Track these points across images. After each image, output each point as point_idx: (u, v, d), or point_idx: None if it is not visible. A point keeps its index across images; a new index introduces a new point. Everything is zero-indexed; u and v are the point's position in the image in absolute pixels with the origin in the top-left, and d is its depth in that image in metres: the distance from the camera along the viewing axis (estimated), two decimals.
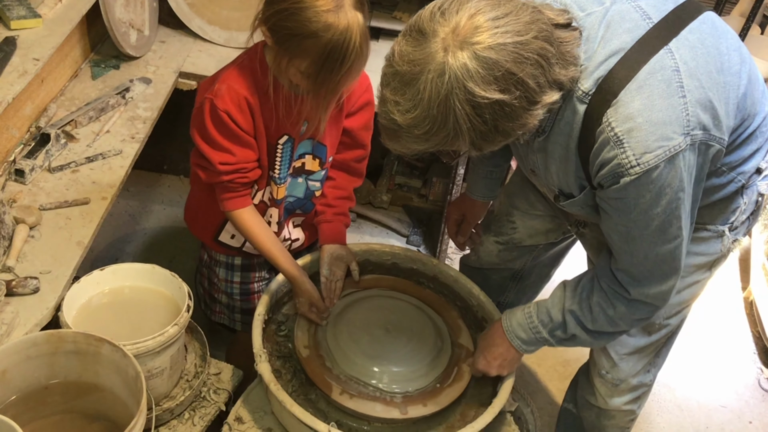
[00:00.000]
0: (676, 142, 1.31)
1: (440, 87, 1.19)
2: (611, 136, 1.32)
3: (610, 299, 1.56)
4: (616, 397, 1.89)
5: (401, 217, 3.23)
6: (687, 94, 1.32)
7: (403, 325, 1.80)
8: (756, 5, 3.17)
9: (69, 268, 1.70)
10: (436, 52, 1.20)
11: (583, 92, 1.35)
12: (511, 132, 1.27)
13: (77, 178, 1.94)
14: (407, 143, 1.29)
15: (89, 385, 1.57)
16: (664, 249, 1.45)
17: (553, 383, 2.68)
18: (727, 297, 3.17)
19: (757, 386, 2.83)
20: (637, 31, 1.35)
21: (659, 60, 1.33)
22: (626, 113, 1.31)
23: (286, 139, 1.75)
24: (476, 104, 1.20)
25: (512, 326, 1.69)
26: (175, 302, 1.74)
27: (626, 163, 1.32)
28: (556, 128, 1.43)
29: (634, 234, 1.43)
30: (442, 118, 1.22)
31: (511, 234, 2.03)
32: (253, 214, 1.81)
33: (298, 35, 1.50)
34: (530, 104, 1.25)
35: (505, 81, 1.20)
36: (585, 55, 1.34)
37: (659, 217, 1.38)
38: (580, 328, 1.61)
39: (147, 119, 2.17)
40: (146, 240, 2.92)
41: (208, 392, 1.83)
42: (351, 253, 1.92)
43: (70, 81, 2.24)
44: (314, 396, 1.71)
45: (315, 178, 1.90)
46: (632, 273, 1.51)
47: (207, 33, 2.51)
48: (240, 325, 2.11)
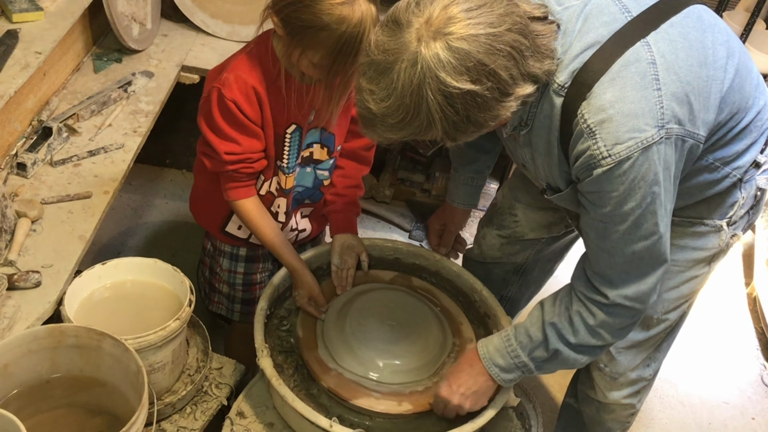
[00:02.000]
0: (648, 134, 1.31)
1: (413, 76, 1.20)
2: (584, 128, 1.33)
3: (588, 307, 1.52)
4: (615, 391, 1.89)
5: (404, 212, 3.23)
6: (662, 87, 1.32)
7: (405, 319, 1.80)
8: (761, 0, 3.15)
9: (71, 262, 1.70)
10: (410, 42, 1.21)
11: (559, 85, 1.36)
12: (483, 123, 1.27)
13: (79, 171, 1.93)
14: (382, 132, 1.29)
15: (91, 379, 1.57)
16: (640, 246, 1.43)
17: (555, 378, 2.68)
18: (731, 293, 3.16)
19: (760, 382, 2.82)
20: (615, 24, 1.35)
21: (634, 52, 1.33)
22: (598, 105, 1.31)
23: (294, 129, 1.75)
24: (448, 94, 1.20)
25: (489, 352, 1.61)
26: (177, 297, 1.74)
27: (598, 154, 1.32)
28: (537, 122, 1.44)
29: (610, 230, 1.42)
30: (415, 107, 1.22)
31: (513, 227, 2.03)
32: (257, 204, 1.81)
33: (311, 27, 1.50)
34: (503, 96, 1.25)
35: (476, 72, 1.20)
36: (561, 48, 1.35)
37: (634, 212, 1.38)
38: (562, 342, 1.55)
39: (149, 113, 2.16)
40: (148, 234, 2.91)
41: (210, 387, 1.83)
42: (362, 243, 1.93)
43: (73, 74, 2.24)
44: (316, 391, 1.71)
45: (323, 167, 1.89)
46: (609, 275, 1.49)
47: (209, 26, 2.50)
48: (238, 316, 2.11)
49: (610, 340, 1.55)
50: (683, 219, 1.64)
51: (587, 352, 1.57)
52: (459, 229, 2.07)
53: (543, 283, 2.30)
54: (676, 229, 1.64)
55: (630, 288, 1.48)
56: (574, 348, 1.55)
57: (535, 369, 1.60)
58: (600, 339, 1.54)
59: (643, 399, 1.96)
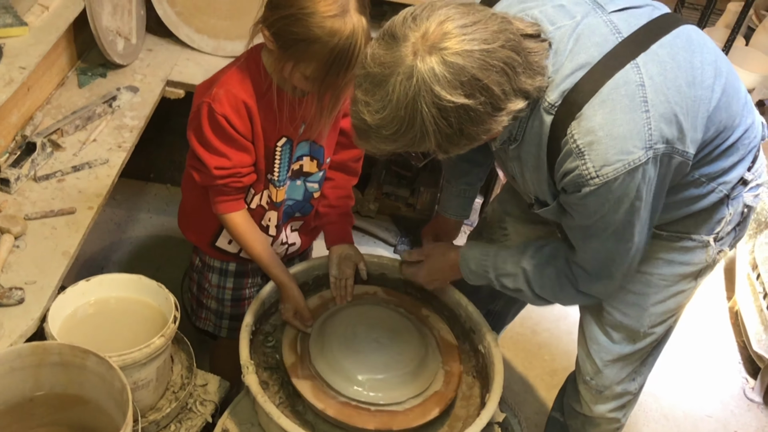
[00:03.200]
0: (636, 155, 1.34)
1: (408, 89, 1.23)
2: (573, 148, 1.36)
3: (560, 281, 1.64)
4: (601, 404, 1.89)
5: (389, 227, 3.23)
6: (651, 109, 1.35)
7: (390, 333, 1.80)
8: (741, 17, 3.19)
9: (54, 278, 1.69)
10: (406, 56, 1.23)
11: (549, 104, 1.38)
12: (476, 136, 1.30)
13: (63, 187, 1.92)
14: (376, 143, 1.32)
15: (75, 397, 1.56)
16: (616, 249, 1.51)
17: (540, 393, 2.69)
18: (713, 307, 3.18)
19: (742, 396, 2.84)
20: (605, 45, 1.38)
21: (624, 75, 1.35)
22: (588, 127, 1.34)
23: (284, 141, 1.75)
24: (442, 107, 1.23)
25: (467, 257, 1.77)
26: (162, 313, 1.73)
27: (586, 174, 1.36)
28: (527, 137, 1.46)
29: (592, 233, 1.50)
30: (410, 119, 1.25)
31: (503, 241, 2.04)
32: (246, 217, 1.81)
33: (304, 41, 1.51)
34: (495, 110, 1.28)
35: (470, 86, 1.23)
36: (553, 67, 1.37)
37: (616, 223, 1.44)
38: (527, 286, 1.68)
39: (134, 128, 2.16)
40: (133, 249, 2.90)
41: (195, 404, 1.82)
42: (359, 253, 1.93)
43: (57, 89, 2.23)
44: (301, 407, 1.70)
45: (313, 179, 1.90)
46: (585, 268, 1.59)
47: (195, 41, 2.50)
48: (226, 332, 2.10)
49: (566, 305, 1.77)
50: (671, 234, 1.66)
51: (544, 302, 1.74)
52: (451, 240, 2.08)
53: None
54: (664, 243, 1.67)
55: (598, 284, 1.61)
56: (535, 295, 1.70)
57: (497, 287, 1.75)
58: (559, 301, 1.72)
59: (629, 413, 1.96)
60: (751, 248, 3.01)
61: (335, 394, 1.67)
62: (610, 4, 1.43)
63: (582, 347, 1.88)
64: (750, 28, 3.84)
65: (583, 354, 1.86)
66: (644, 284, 1.70)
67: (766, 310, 2.76)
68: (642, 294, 1.71)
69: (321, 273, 1.95)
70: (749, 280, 2.97)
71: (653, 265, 1.67)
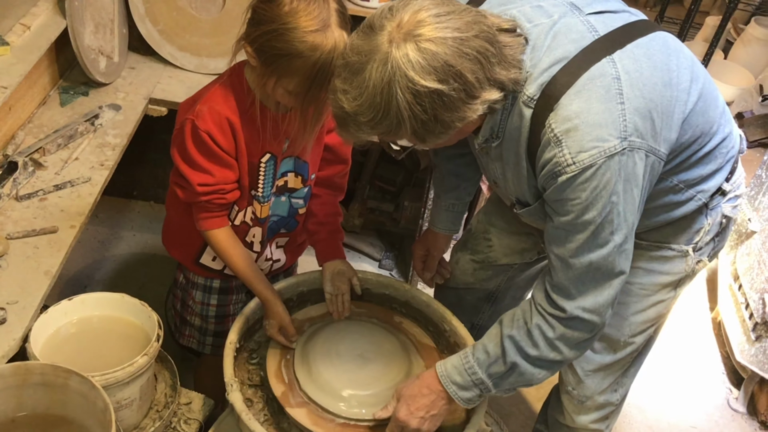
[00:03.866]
0: (611, 143, 1.35)
1: (383, 74, 1.27)
2: (551, 137, 1.38)
3: (547, 320, 1.52)
4: (583, 415, 1.90)
5: (373, 241, 3.24)
6: (626, 101, 1.37)
7: (374, 348, 1.79)
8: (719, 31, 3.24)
9: (36, 298, 1.68)
10: (382, 44, 1.28)
11: (528, 97, 1.41)
12: (450, 123, 1.33)
13: (45, 206, 1.92)
14: (355, 131, 1.35)
15: (57, 417, 1.54)
16: (596, 256, 1.44)
17: (525, 406, 2.69)
18: (696, 318, 3.20)
19: (726, 406, 2.85)
20: (582, 41, 1.41)
21: (600, 67, 1.38)
22: (565, 115, 1.37)
23: (268, 158, 1.76)
24: (416, 92, 1.27)
25: (447, 370, 1.60)
26: (145, 331, 1.72)
27: (563, 161, 1.37)
28: (507, 133, 1.49)
29: (570, 239, 1.45)
30: (385, 105, 1.28)
31: (486, 252, 2.05)
32: (229, 234, 1.81)
33: (286, 56, 1.52)
34: (469, 98, 1.31)
35: (443, 72, 1.27)
36: (531, 62, 1.41)
37: (594, 221, 1.41)
38: (520, 355, 1.54)
39: (116, 146, 2.16)
40: (116, 267, 2.89)
41: (179, 422, 1.81)
42: (352, 268, 1.93)
43: (39, 108, 2.22)
44: (286, 425, 1.70)
45: (298, 195, 1.90)
46: (567, 287, 1.49)
47: (177, 59, 2.51)
48: (210, 349, 2.09)
49: (568, 355, 1.54)
50: (650, 243, 1.68)
51: (545, 366, 1.57)
52: (441, 254, 2.09)
53: None
54: (644, 252, 1.68)
55: (588, 299, 1.49)
56: (533, 362, 1.55)
57: (492, 386, 1.59)
58: (558, 353, 1.54)
59: (612, 425, 1.97)
60: (733, 259, 3.04)
61: (333, 417, 1.66)
62: (587, 7, 1.46)
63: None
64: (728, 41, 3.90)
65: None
66: (624, 293, 1.69)
67: (749, 320, 2.78)
68: (622, 303, 1.72)
69: (306, 289, 1.95)
70: (731, 290, 3.00)
71: (633, 274, 1.67)
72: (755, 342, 2.71)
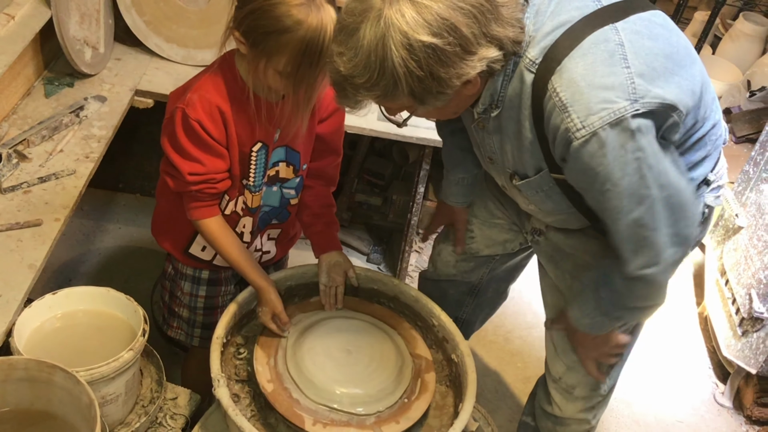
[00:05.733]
0: (620, 105, 1.33)
1: (377, 31, 1.27)
2: (557, 101, 1.37)
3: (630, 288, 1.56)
4: (570, 404, 1.91)
5: (361, 235, 3.23)
6: (631, 66, 1.35)
7: (363, 344, 1.79)
8: (707, 26, 3.25)
9: (20, 291, 1.66)
10: (375, 2, 1.28)
11: (530, 60, 1.40)
12: (448, 81, 1.31)
13: (29, 198, 1.89)
14: (353, 95, 1.35)
15: (41, 413, 1.53)
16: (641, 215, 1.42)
17: (513, 401, 2.69)
18: (682, 313, 3.21)
19: (712, 401, 2.87)
20: (585, 9, 1.41)
21: (603, 33, 1.37)
22: (569, 78, 1.36)
23: (260, 147, 1.75)
24: (410, 47, 1.26)
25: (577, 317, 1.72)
26: (130, 326, 1.71)
27: (572, 126, 1.35)
28: (507, 102, 1.47)
29: (610, 206, 1.42)
30: (380, 63, 1.28)
31: (469, 243, 2.05)
32: (221, 223, 1.80)
33: (273, 32, 1.51)
34: (465, 53, 1.30)
35: (437, 26, 1.26)
36: (534, 26, 1.40)
37: (626, 183, 1.37)
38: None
39: (102, 138, 2.13)
40: (101, 260, 2.86)
41: (165, 418, 1.80)
42: (348, 260, 1.92)
43: (23, 99, 2.20)
44: (273, 420, 1.69)
45: (289, 185, 1.89)
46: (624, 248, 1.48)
47: (164, 51, 2.48)
48: (198, 341, 2.08)
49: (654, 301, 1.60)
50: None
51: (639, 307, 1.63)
52: (465, 224, 2.06)
53: (497, 305, 2.32)
54: None
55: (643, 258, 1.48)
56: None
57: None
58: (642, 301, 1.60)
59: (599, 416, 1.98)
60: (720, 254, 3.05)
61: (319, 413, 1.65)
62: None
63: (550, 347, 1.89)
64: (717, 37, 3.91)
65: (552, 354, 1.88)
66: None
67: (735, 315, 2.79)
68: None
69: (294, 284, 1.94)
70: (718, 285, 3.01)
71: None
72: (741, 337, 2.72)
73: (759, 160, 2.85)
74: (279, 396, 1.67)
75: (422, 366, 1.82)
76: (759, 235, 2.74)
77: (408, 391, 1.75)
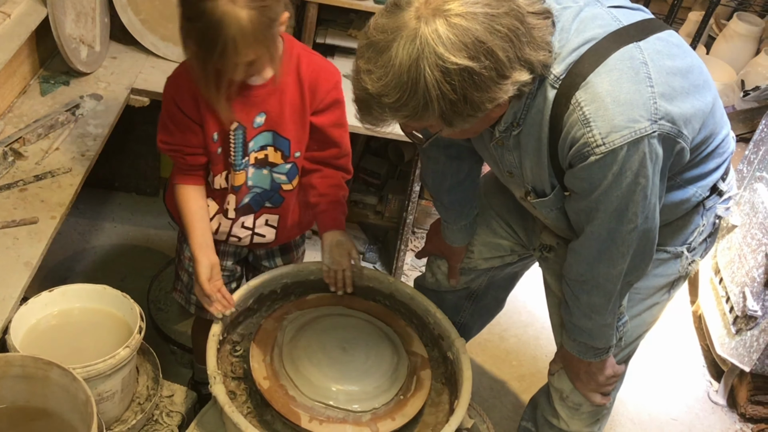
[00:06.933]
0: (642, 125, 1.34)
1: (411, 51, 1.22)
2: (579, 116, 1.36)
3: (573, 292, 1.62)
4: (577, 419, 1.90)
5: (357, 234, 3.23)
6: (655, 86, 1.36)
7: (359, 341, 1.80)
8: (702, 26, 3.26)
9: (16, 289, 1.65)
10: (409, 20, 1.23)
11: (554, 76, 1.39)
12: (480, 105, 1.28)
13: (25, 196, 1.89)
14: (379, 115, 1.30)
15: (38, 410, 1.53)
16: (618, 230, 1.46)
17: (508, 399, 2.70)
18: (677, 311, 3.22)
19: (706, 399, 2.88)
20: (609, 27, 1.41)
21: (628, 51, 1.38)
22: (594, 92, 1.35)
23: (236, 126, 1.78)
24: (445, 70, 1.22)
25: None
26: (127, 323, 1.71)
27: (592, 142, 1.35)
28: (528, 119, 1.46)
29: (594, 215, 1.46)
30: (413, 84, 1.24)
31: (467, 262, 2.04)
32: (194, 191, 1.85)
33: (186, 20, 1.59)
34: (499, 77, 1.27)
35: (474, 48, 1.22)
36: (559, 43, 1.39)
37: (618, 199, 1.41)
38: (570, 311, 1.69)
39: (98, 136, 2.13)
40: (96, 259, 2.86)
41: (161, 415, 1.80)
42: (351, 240, 1.90)
43: (19, 97, 2.19)
44: (270, 417, 1.69)
45: (279, 170, 1.89)
46: (585, 254, 1.55)
47: (160, 49, 2.48)
48: (194, 309, 2.08)
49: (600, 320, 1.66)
50: None
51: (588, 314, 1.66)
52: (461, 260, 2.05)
53: (495, 312, 2.31)
54: None
55: (601, 267, 1.54)
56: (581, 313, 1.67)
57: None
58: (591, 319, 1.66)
59: (603, 426, 1.97)
60: (714, 253, 3.06)
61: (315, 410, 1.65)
62: (606, 0, 1.47)
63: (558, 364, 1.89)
64: (711, 37, 3.92)
65: (561, 371, 1.87)
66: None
67: (729, 314, 2.80)
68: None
69: (290, 281, 1.95)
70: (712, 284, 3.02)
71: None
72: (735, 335, 2.73)
73: (753, 159, 2.87)
74: (275, 393, 1.68)
75: (418, 363, 1.82)
76: (753, 234, 2.75)
77: (404, 388, 1.75)
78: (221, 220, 1.92)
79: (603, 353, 1.73)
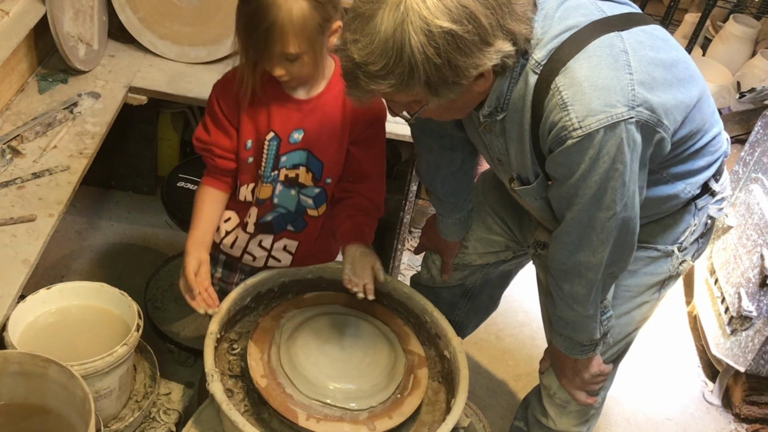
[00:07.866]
0: (619, 110, 1.36)
1: (396, 16, 1.26)
2: (558, 100, 1.38)
3: (556, 281, 1.64)
4: (565, 418, 1.91)
5: None
6: (634, 74, 1.38)
7: (356, 340, 1.80)
8: (698, 28, 3.27)
9: (14, 286, 1.66)
10: None
11: (536, 62, 1.42)
12: (464, 70, 1.31)
13: (23, 194, 1.90)
14: (365, 85, 1.32)
15: (36, 407, 1.53)
16: (597, 216, 1.48)
17: (504, 398, 2.71)
18: (672, 311, 3.23)
19: (701, 399, 2.89)
20: (592, 16, 1.43)
21: (609, 38, 1.40)
22: (573, 77, 1.37)
23: (272, 136, 1.79)
24: (429, 33, 1.25)
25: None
26: (124, 321, 1.72)
27: (569, 126, 1.37)
28: (511, 105, 1.48)
29: (573, 200, 1.48)
30: (398, 49, 1.27)
31: (462, 257, 2.05)
32: (215, 195, 1.86)
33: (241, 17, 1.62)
34: (483, 43, 1.31)
35: (457, 12, 1.26)
36: (542, 29, 1.42)
37: (596, 184, 1.43)
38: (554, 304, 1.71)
39: (95, 134, 2.14)
40: (93, 257, 2.86)
41: (158, 413, 1.81)
42: (373, 253, 1.85)
43: (17, 95, 2.20)
44: (267, 415, 1.69)
45: (308, 193, 1.89)
46: (566, 241, 1.56)
47: (158, 48, 2.49)
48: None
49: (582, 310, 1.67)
50: (637, 243, 1.68)
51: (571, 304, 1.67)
52: (454, 256, 2.07)
53: (490, 311, 2.32)
54: None
55: (582, 254, 1.55)
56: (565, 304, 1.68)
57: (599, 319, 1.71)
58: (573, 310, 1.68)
59: (592, 426, 1.98)
60: (709, 254, 3.07)
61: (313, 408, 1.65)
62: None
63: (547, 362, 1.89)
64: (707, 38, 3.93)
65: (550, 369, 1.88)
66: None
67: (724, 314, 2.81)
68: None
69: (287, 280, 1.95)
70: (707, 285, 3.03)
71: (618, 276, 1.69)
72: (730, 336, 2.74)
73: (748, 160, 2.88)
74: (272, 391, 1.68)
75: (415, 362, 1.82)
76: (748, 235, 2.76)
77: (401, 386, 1.75)
78: (239, 233, 1.92)
79: (589, 350, 1.74)
